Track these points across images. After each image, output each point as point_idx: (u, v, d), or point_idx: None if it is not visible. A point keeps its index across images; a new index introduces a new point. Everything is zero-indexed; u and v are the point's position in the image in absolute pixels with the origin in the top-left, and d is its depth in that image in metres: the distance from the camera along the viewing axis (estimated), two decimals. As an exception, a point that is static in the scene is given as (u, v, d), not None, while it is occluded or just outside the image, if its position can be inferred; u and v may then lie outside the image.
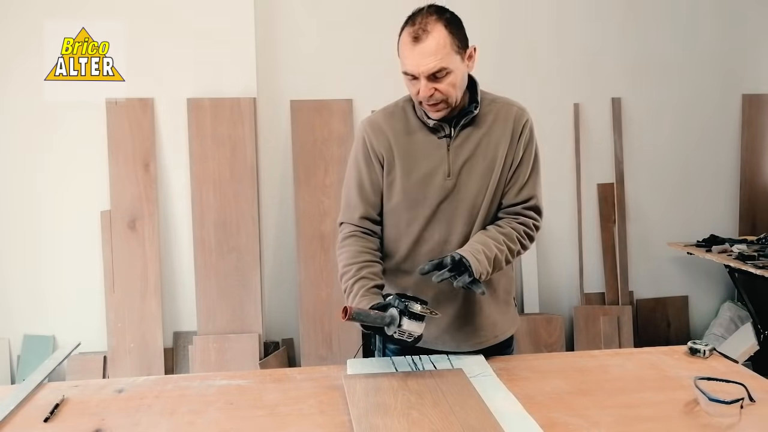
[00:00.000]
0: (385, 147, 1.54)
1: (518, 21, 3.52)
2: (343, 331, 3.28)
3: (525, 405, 1.23)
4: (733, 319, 3.61)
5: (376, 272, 1.51)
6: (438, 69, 1.39)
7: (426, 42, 1.38)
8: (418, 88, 1.43)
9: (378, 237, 1.59)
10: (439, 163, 1.52)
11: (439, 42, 1.39)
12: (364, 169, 1.56)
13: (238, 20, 3.19)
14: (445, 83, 1.42)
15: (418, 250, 1.54)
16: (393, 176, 1.54)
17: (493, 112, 1.54)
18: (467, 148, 1.52)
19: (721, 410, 1.21)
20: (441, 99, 1.44)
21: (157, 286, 3.16)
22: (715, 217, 3.75)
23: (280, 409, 1.27)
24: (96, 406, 1.29)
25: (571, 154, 3.61)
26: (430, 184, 1.51)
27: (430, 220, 1.53)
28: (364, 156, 1.56)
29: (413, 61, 1.40)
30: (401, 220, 1.55)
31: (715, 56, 3.69)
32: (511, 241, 1.50)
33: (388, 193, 1.56)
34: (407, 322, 1.33)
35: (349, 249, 1.54)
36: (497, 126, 1.53)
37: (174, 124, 3.20)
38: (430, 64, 1.39)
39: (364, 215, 1.57)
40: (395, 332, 1.34)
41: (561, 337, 3.47)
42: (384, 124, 1.56)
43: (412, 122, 1.55)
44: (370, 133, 1.56)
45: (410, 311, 1.33)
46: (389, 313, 1.33)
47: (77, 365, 3.13)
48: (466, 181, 1.51)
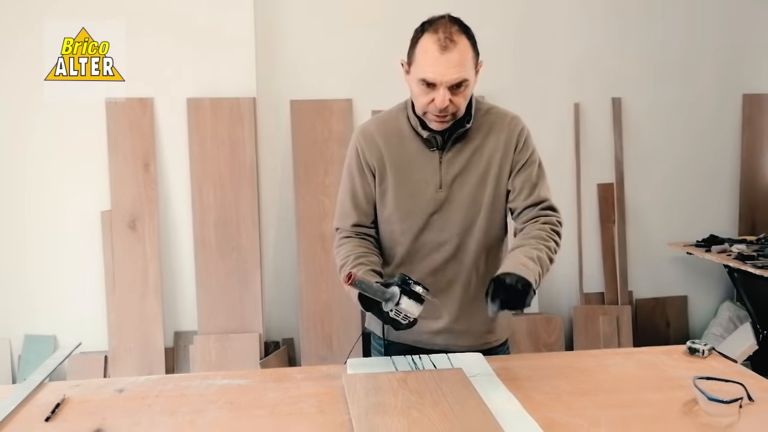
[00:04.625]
0: (377, 157, 1.54)
1: (518, 21, 3.52)
2: (343, 331, 3.29)
3: (525, 405, 1.24)
4: (732, 319, 3.61)
5: (375, 261, 1.52)
6: (462, 80, 1.39)
7: (453, 52, 1.37)
8: (431, 98, 1.40)
9: (374, 240, 1.60)
10: (431, 176, 1.52)
11: (464, 54, 1.38)
12: (357, 179, 1.57)
13: (238, 20, 3.19)
14: (460, 96, 1.42)
15: (412, 259, 1.56)
16: (385, 186, 1.54)
17: (486, 123, 1.54)
18: (459, 161, 1.52)
19: (720, 410, 1.21)
20: (452, 111, 1.43)
21: (157, 286, 3.16)
22: (715, 217, 3.75)
23: (280, 408, 1.27)
24: (97, 406, 1.29)
25: (571, 154, 3.61)
26: (421, 195, 1.52)
27: (423, 231, 1.54)
28: (357, 166, 1.57)
29: (438, 70, 1.37)
30: (395, 229, 1.56)
31: (715, 56, 3.69)
32: (544, 240, 1.45)
33: (381, 203, 1.57)
34: (406, 302, 1.32)
35: (346, 246, 1.55)
36: (491, 138, 1.53)
37: (174, 124, 3.20)
38: (455, 75, 1.37)
39: (357, 223, 1.58)
40: (392, 310, 1.33)
41: (560, 337, 3.47)
42: (376, 133, 1.56)
43: (405, 132, 1.55)
44: (362, 143, 1.56)
45: (411, 290, 1.32)
46: (390, 290, 1.33)
47: (78, 365, 3.13)
48: (458, 193, 1.51)
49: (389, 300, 1.33)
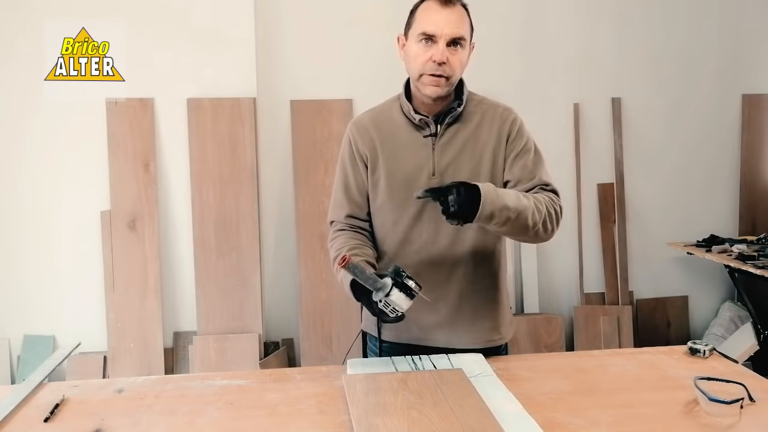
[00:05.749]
0: (369, 147, 1.55)
1: (518, 21, 3.52)
2: (343, 331, 3.29)
3: (525, 405, 1.23)
4: (732, 319, 3.61)
5: (369, 254, 1.52)
6: (460, 36, 1.44)
7: (453, 10, 1.44)
8: (430, 54, 1.43)
9: (368, 233, 1.60)
10: (424, 162, 1.52)
11: (462, 15, 1.46)
12: (350, 170, 1.58)
13: (238, 20, 3.19)
14: (456, 57, 1.45)
15: (406, 250, 1.55)
16: (378, 175, 1.55)
17: (479, 113, 1.55)
18: (453, 148, 1.52)
19: (721, 410, 1.21)
20: (448, 74, 1.45)
21: (157, 286, 3.16)
22: (715, 217, 3.75)
23: (280, 409, 1.27)
24: (96, 406, 1.29)
25: (571, 154, 3.61)
26: (414, 183, 1.51)
27: (417, 220, 1.53)
28: (349, 157, 1.58)
29: (439, 22, 1.43)
30: (387, 220, 1.56)
31: (715, 56, 3.69)
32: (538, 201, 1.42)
33: (373, 193, 1.57)
34: (396, 294, 1.31)
35: (340, 238, 1.56)
36: (484, 127, 1.53)
37: (174, 124, 3.20)
38: (455, 29, 1.43)
39: (350, 214, 1.58)
40: (381, 300, 1.32)
41: (561, 337, 3.47)
42: (369, 123, 1.57)
43: (398, 121, 1.56)
44: (355, 134, 1.57)
45: (403, 283, 1.31)
46: (383, 281, 1.32)
47: (77, 365, 3.13)
48: (452, 180, 1.50)
49: (380, 290, 1.32)
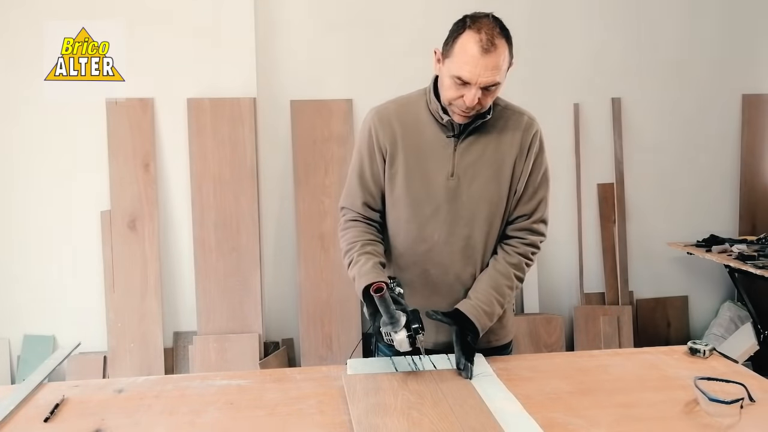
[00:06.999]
0: (390, 140, 1.52)
1: (518, 21, 3.48)
2: (343, 331, 3.29)
3: (525, 405, 1.23)
4: (733, 319, 3.61)
5: (379, 251, 1.52)
6: (495, 83, 1.39)
7: (493, 55, 1.36)
8: (461, 94, 1.40)
9: (379, 226, 1.60)
10: (444, 163, 1.50)
11: (503, 58, 1.38)
12: (367, 160, 1.56)
13: (238, 20, 3.19)
14: (490, 96, 1.42)
15: (417, 248, 1.54)
16: (395, 170, 1.53)
17: (503, 118, 1.53)
18: (474, 152, 1.51)
19: (721, 410, 1.21)
20: (478, 111, 1.44)
21: (157, 286, 3.16)
22: (715, 217, 3.75)
23: (280, 409, 1.27)
24: (96, 406, 1.29)
25: (571, 154, 3.61)
26: (432, 182, 1.50)
27: (430, 220, 1.52)
28: (368, 147, 1.55)
29: (475, 70, 1.36)
30: (401, 216, 1.55)
31: (715, 56, 3.69)
32: (511, 282, 1.54)
33: (390, 187, 1.55)
34: (402, 336, 1.34)
35: (353, 230, 1.56)
36: (506, 134, 1.52)
37: (174, 124, 3.20)
38: (491, 78, 1.37)
39: (364, 202, 1.57)
40: (386, 333, 1.35)
41: (561, 337, 3.47)
42: (393, 115, 1.54)
43: (423, 117, 1.53)
44: (377, 125, 1.54)
45: (414, 328, 1.34)
46: (398, 319, 1.34)
47: (77, 365, 3.13)
48: (469, 184, 1.50)
49: (392, 324, 1.33)
